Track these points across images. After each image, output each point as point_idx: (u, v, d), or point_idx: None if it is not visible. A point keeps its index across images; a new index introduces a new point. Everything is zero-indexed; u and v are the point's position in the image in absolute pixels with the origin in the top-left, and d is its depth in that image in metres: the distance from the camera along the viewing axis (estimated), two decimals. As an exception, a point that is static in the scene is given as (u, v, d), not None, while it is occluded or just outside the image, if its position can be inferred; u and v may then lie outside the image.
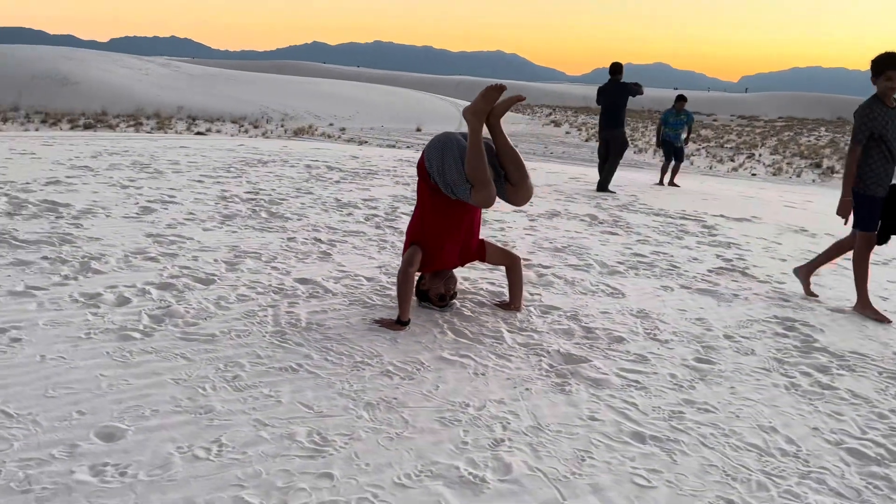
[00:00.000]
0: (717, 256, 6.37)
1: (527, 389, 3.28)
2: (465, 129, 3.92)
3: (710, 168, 26.03)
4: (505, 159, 3.86)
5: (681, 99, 12.39)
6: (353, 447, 2.66)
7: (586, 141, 36.12)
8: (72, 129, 26.73)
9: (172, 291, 4.08)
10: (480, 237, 4.25)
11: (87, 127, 28.65)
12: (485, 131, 3.88)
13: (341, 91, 54.14)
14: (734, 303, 4.95)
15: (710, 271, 5.79)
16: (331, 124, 39.27)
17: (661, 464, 2.77)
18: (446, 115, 51.70)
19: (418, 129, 39.95)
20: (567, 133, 39.17)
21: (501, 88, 3.75)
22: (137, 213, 5.93)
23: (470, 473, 2.57)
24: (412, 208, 7.18)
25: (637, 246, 6.50)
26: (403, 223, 6.47)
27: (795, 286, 5.51)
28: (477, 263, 4.83)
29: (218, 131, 30.03)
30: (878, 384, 3.73)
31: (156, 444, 2.56)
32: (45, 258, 4.47)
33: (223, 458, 2.52)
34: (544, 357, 3.67)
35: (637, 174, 17.18)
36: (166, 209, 6.18)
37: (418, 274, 4.16)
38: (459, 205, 3.94)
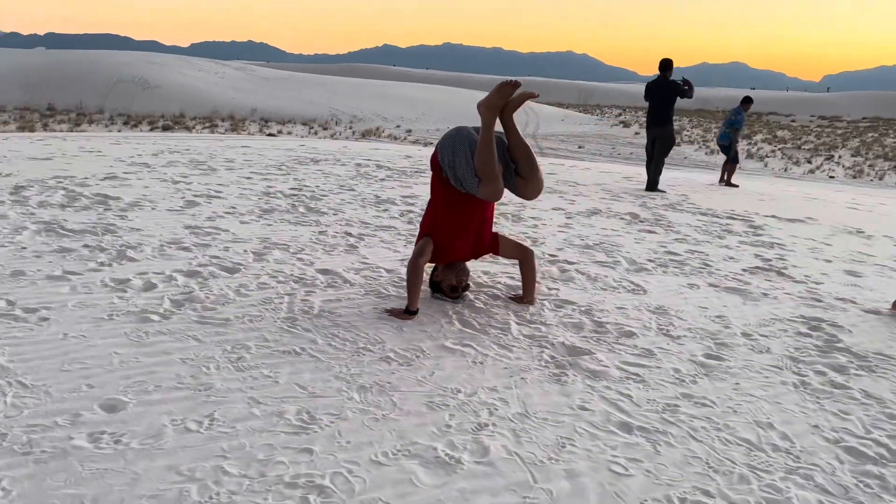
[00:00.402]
0: (756, 256, 6.24)
1: (522, 378, 3.33)
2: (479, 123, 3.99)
3: (785, 170, 25.27)
4: (516, 153, 3.92)
5: (747, 101, 12.57)
6: (338, 426, 2.77)
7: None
8: (151, 130, 27.88)
9: (198, 279, 4.29)
10: (494, 230, 4.31)
11: (165, 128, 29.83)
12: (498, 125, 3.95)
13: (409, 93, 54.73)
14: (761, 302, 4.86)
15: (744, 270, 5.69)
16: (398, 126, 39.78)
17: (642, 454, 2.78)
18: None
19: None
20: (636, 134, 38.56)
21: (516, 85, 3.80)
22: (181, 207, 6.21)
23: (447, 454, 2.64)
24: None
25: (673, 244, 6.43)
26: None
27: (831, 286, 5.36)
28: (498, 258, 4.88)
29: (289, 133, 30.80)
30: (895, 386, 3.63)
31: (153, 416, 2.72)
32: (86, 246, 4.75)
33: (213, 431, 2.66)
34: (547, 349, 3.70)
35: (699, 175, 16.84)
36: (210, 203, 6.45)
37: (431, 265, 4.25)
38: (472, 199, 4.00)
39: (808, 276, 5.67)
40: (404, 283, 4.50)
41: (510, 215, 7.14)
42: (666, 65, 10.10)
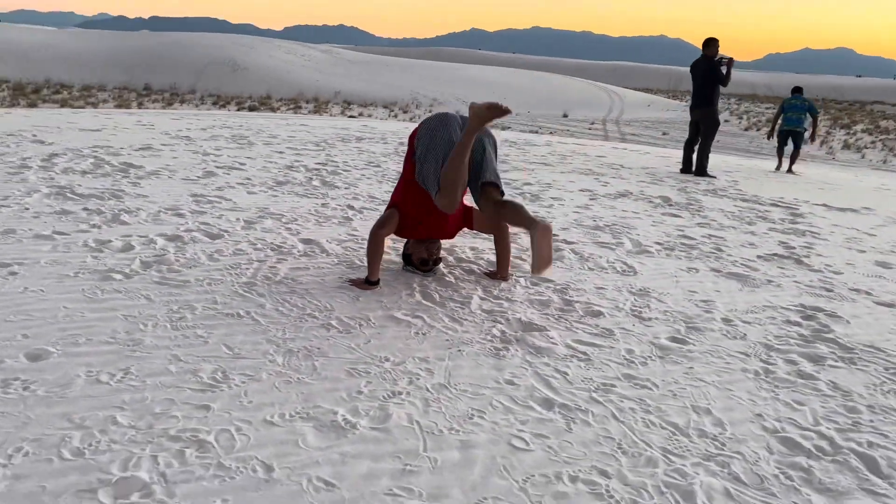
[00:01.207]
0: (780, 244, 5.92)
1: (459, 351, 3.27)
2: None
3: (884, 162, 23.90)
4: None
5: (797, 90, 12.21)
6: (247, 387, 2.79)
7: (745, 130, 34.23)
8: (238, 110, 28.77)
9: (178, 243, 4.39)
10: (468, 205, 4.23)
11: (251, 109, 30.69)
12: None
13: (491, 77, 54.48)
14: (761, 288, 4.61)
15: (758, 257, 5.41)
16: (479, 110, 39.64)
17: (552, 430, 2.69)
18: (594, 100, 50.71)
19: (565, 115, 39.51)
20: (725, 122, 37.25)
21: (507, 112, 3.64)
22: (198, 177, 6.37)
23: (344, 419, 2.62)
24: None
25: (692, 229, 6.18)
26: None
27: (851, 277, 5.05)
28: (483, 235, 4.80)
29: (369, 115, 31.16)
30: (874, 379, 3.38)
31: (70, 367, 2.81)
32: (85, 209, 4.94)
33: (122, 384, 2.72)
34: (501, 324, 3.62)
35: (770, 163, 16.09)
36: (227, 174, 6.60)
37: (404, 239, 4.22)
38: None
39: (829, 266, 5.35)
40: (385, 257, 4.48)
41: (529, 194, 7.02)
42: (708, 43, 9.69)
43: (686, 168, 10.08)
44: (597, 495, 2.33)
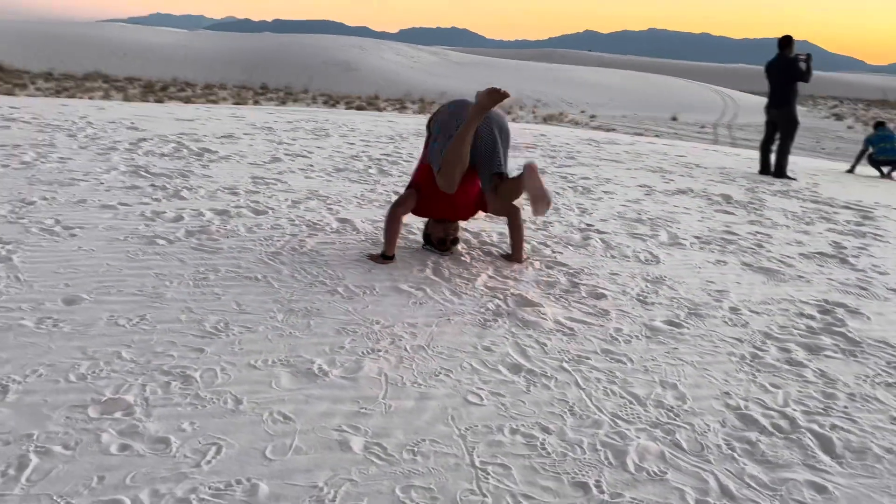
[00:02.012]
0: (832, 243, 5.78)
1: (448, 319, 3.49)
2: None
3: None
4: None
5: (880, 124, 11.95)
6: (242, 336, 3.12)
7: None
8: (346, 109, 29.83)
9: (224, 217, 4.81)
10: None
11: (359, 108, 31.73)
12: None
13: (599, 78, 53.84)
14: (788, 283, 4.58)
15: (800, 255, 5.33)
16: (582, 111, 39.44)
17: (510, 391, 2.87)
18: (707, 104, 49.20)
19: (673, 118, 38.66)
20: (849, 128, 35.39)
21: (505, 95, 3.89)
22: (264, 162, 6.84)
23: (319, 368, 2.90)
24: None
25: (741, 226, 6.11)
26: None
27: (895, 277, 4.91)
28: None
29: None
30: (869, 371, 3.36)
31: (96, 312, 3.22)
32: (152, 185, 5.47)
33: (135, 327, 3.11)
34: (499, 299, 3.81)
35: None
36: (293, 160, 7.04)
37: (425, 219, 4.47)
38: None
39: (876, 267, 5.20)
40: (409, 236, 4.75)
41: (581, 188, 7.11)
42: (785, 41, 9.41)
43: (764, 169, 9.83)
44: (530, 447, 2.50)
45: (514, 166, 4.44)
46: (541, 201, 3.69)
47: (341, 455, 2.35)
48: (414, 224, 4.89)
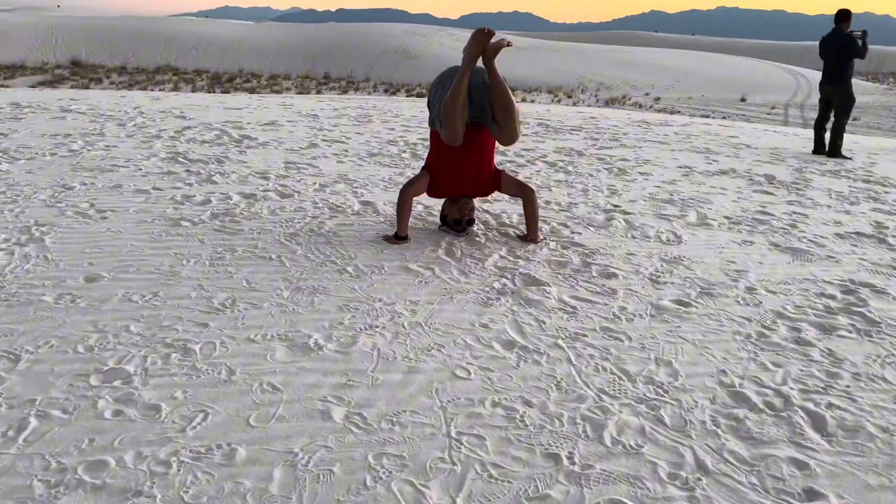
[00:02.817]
0: (873, 223, 5.58)
1: (451, 298, 3.54)
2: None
3: None
4: (494, 98, 4.04)
5: None
6: (247, 312, 3.24)
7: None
8: (407, 96, 30.05)
9: (251, 199, 4.97)
10: (499, 168, 4.45)
11: (419, 95, 31.89)
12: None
13: (664, 60, 52.64)
14: (815, 262, 4.46)
15: (836, 235, 5.17)
16: (646, 94, 38.75)
17: (499, 365, 2.91)
18: (778, 83, 47.56)
19: (742, 100, 37.61)
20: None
21: (490, 34, 3.95)
22: (301, 147, 7.00)
23: (315, 343, 3.00)
24: (571, 159, 7.35)
25: (779, 206, 5.95)
26: (531, 170, 6.70)
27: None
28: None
29: (532, 101, 31.34)
30: (882, 351, 3.27)
31: (113, 289, 3.39)
32: (188, 171, 5.67)
33: (147, 303, 3.26)
34: (506, 279, 3.83)
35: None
36: (329, 146, 7.17)
37: (441, 200, 4.52)
38: (466, 140, 4.17)
39: (917, 247, 5.01)
40: (429, 218, 4.81)
41: (617, 168, 7.03)
42: (842, 16, 9.02)
43: (818, 148, 9.50)
44: (509, 419, 2.54)
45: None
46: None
47: (321, 424, 2.44)
48: (434, 206, 4.95)
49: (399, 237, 4.23)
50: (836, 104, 9.23)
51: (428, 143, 5.07)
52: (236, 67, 43.20)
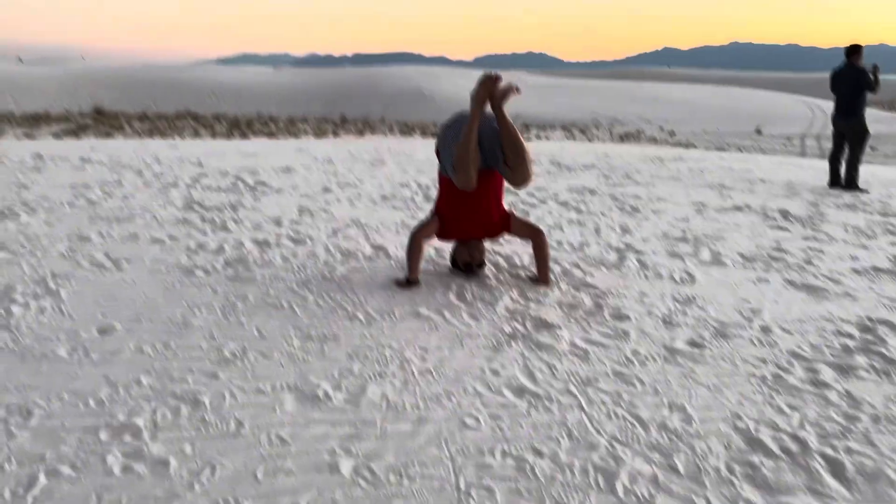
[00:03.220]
0: (891, 258, 5.52)
1: (461, 343, 3.53)
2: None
3: None
4: (504, 142, 4.08)
5: None
6: (257, 362, 3.24)
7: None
8: (422, 136, 30.35)
9: (263, 247, 5.01)
10: (508, 209, 4.47)
11: (434, 135, 32.22)
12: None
13: (678, 95, 52.93)
14: (831, 301, 4.41)
15: (852, 270, 5.11)
16: (661, 128, 38.90)
17: (510, 413, 2.88)
18: (793, 115, 47.55)
19: (757, 131, 37.61)
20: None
21: (496, 79, 4.00)
22: (314, 193, 7.07)
23: (325, 393, 2.99)
24: (583, 198, 7.36)
25: (794, 241, 5.91)
26: (543, 210, 6.72)
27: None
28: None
29: (546, 138, 31.51)
30: (902, 392, 3.21)
31: (126, 340, 3.42)
32: (202, 218, 5.74)
33: (159, 354, 3.28)
34: (517, 322, 3.82)
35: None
36: (342, 190, 7.24)
37: (450, 243, 4.53)
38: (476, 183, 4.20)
39: (936, 281, 4.94)
40: (440, 261, 4.83)
41: (629, 207, 7.02)
42: (853, 50, 9.04)
43: (834, 181, 9.46)
44: (519, 470, 2.51)
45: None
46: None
47: (329, 477, 2.42)
48: (445, 248, 4.96)
49: (410, 281, 4.24)
50: (849, 138, 9.22)
51: (439, 186, 5.10)
52: (255, 112, 44.03)
